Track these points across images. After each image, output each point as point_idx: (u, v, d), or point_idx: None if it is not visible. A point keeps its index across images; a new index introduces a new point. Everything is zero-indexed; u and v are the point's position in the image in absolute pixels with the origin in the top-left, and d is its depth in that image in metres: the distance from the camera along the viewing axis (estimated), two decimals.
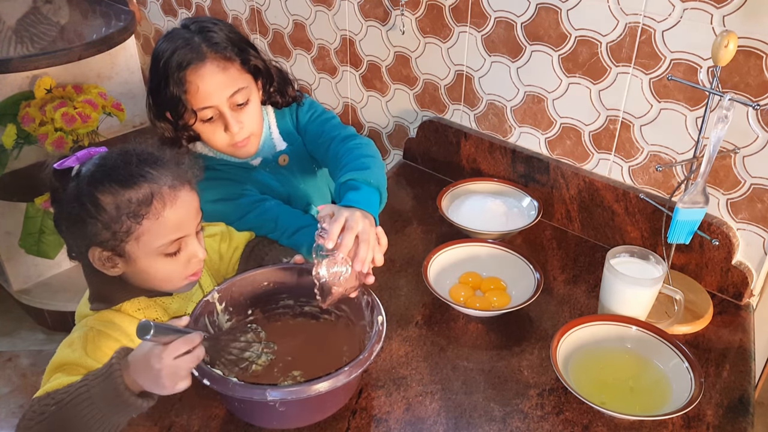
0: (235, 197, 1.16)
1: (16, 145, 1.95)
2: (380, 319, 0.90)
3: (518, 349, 1.04)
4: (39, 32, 2.10)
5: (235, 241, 1.10)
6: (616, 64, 1.17)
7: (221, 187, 1.16)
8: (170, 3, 2.11)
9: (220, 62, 1.08)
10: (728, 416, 0.93)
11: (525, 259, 1.16)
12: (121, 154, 0.87)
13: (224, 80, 1.09)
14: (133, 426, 0.89)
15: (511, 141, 1.40)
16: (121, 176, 0.84)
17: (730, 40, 0.89)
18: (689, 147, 1.15)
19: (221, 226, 1.11)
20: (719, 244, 1.13)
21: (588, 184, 1.27)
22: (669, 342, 0.98)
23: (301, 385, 0.80)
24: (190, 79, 1.07)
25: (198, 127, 1.12)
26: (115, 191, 0.83)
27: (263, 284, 0.99)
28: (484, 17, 1.32)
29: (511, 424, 0.91)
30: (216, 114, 1.11)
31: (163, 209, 0.85)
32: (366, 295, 0.95)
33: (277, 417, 0.87)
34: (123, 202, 0.83)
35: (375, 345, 0.86)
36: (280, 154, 1.24)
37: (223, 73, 1.09)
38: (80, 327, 0.91)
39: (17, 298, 2.21)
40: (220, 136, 1.13)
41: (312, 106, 1.30)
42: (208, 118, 1.11)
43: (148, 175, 0.85)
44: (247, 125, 1.13)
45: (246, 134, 1.14)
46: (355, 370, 0.82)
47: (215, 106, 1.09)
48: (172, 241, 0.88)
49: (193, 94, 1.08)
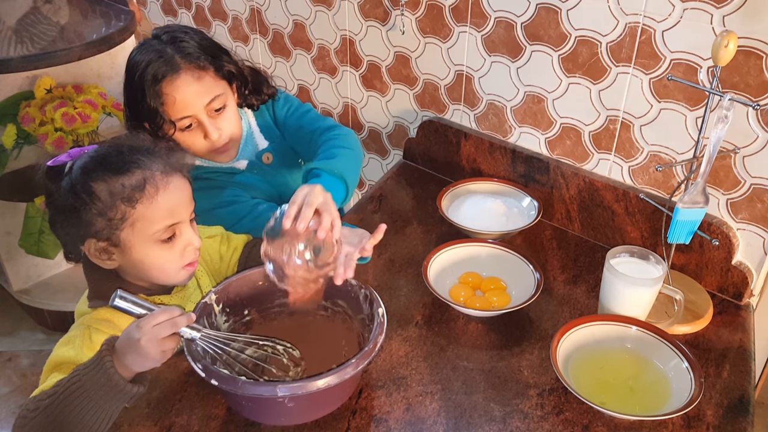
0: (227, 204, 1.16)
1: (16, 145, 1.95)
2: (381, 311, 0.90)
3: (518, 349, 1.04)
4: (39, 32, 2.10)
5: (234, 242, 1.11)
6: (616, 64, 1.17)
7: (212, 196, 1.17)
8: (170, 3, 2.11)
9: (195, 72, 1.10)
10: (728, 416, 0.93)
11: (525, 259, 1.16)
12: (112, 146, 0.89)
13: (200, 89, 1.10)
14: (133, 426, 0.89)
15: (511, 141, 1.40)
16: (114, 164, 0.86)
17: (730, 40, 0.89)
18: (689, 147, 1.15)
19: (220, 228, 1.12)
20: (719, 244, 1.13)
21: (588, 184, 1.27)
22: (669, 342, 0.98)
23: (310, 380, 0.80)
24: (167, 91, 1.08)
25: (177, 137, 1.13)
26: (108, 178, 0.85)
27: (258, 284, 0.99)
28: (484, 17, 1.32)
29: (511, 424, 0.91)
30: (194, 122, 1.12)
31: (156, 194, 0.86)
32: (364, 289, 0.95)
33: (285, 413, 0.87)
34: (116, 188, 0.84)
35: (378, 336, 0.87)
36: (263, 152, 1.26)
37: (198, 83, 1.10)
38: (77, 326, 0.92)
39: (17, 298, 2.21)
40: (199, 143, 1.14)
41: (287, 100, 1.31)
42: (187, 127, 1.12)
43: (140, 162, 0.87)
44: (226, 130, 1.15)
45: (226, 139, 1.16)
46: (362, 361, 0.83)
47: (193, 115, 1.11)
48: (167, 226, 0.89)
49: (171, 105, 1.09)
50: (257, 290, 1.00)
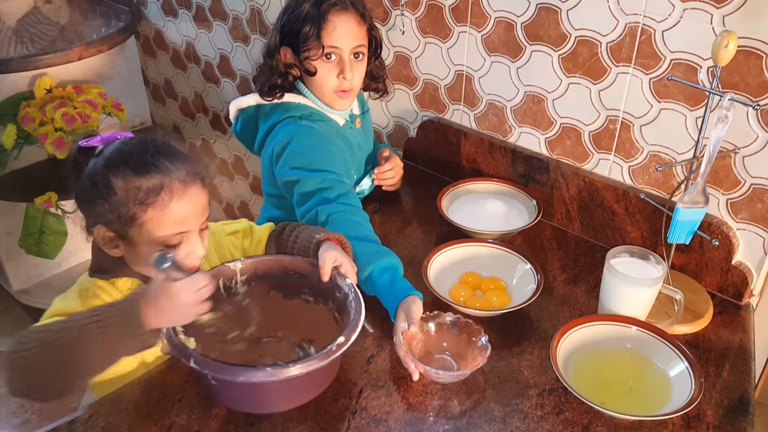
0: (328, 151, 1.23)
1: (16, 145, 1.95)
2: (348, 281, 0.96)
3: (518, 349, 1.04)
4: (39, 32, 2.10)
5: (257, 235, 1.12)
6: (616, 64, 1.17)
7: (320, 137, 1.24)
8: (170, 3, 2.11)
9: (357, 17, 1.22)
10: (728, 416, 0.93)
11: (525, 259, 1.16)
12: (140, 142, 0.91)
13: (355, 32, 1.22)
14: (133, 426, 0.89)
15: (511, 141, 1.40)
16: (136, 163, 0.87)
17: (730, 40, 0.89)
18: (689, 147, 1.15)
19: (243, 223, 1.13)
20: (719, 244, 1.13)
21: (588, 184, 1.27)
22: (669, 342, 0.98)
23: (310, 357, 0.83)
24: (331, 18, 1.19)
25: (317, 63, 1.22)
26: (128, 177, 0.87)
27: (290, 272, 1.01)
28: (484, 17, 1.32)
29: (511, 424, 0.91)
30: (338, 56, 1.22)
31: (169, 201, 0.87)
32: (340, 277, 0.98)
33: (285, 393, 0.89)
34: (133, 188, 0.86)
35: (359, 307, 0.92)
36: (356, 117, 1.36)
37: (356, 26, 1.22)
38: (76, 286, 0.96)
39: (17, 298, 2.22)
40: (332, 77, 1.23)
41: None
42: (329, 58, 1.21)
43: (161, 166, 0.88)
44: (356, 78, 1.25)
45: (352, 86, 1.25)
46: (353, 332, 0.87)
47: (341, 48, 1.21)
48: (174, 234, 0.90)
49: (328, 31, 1.19)
50: (287, 278, 1.02)
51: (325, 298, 1.00)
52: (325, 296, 1.00)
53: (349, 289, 0.96)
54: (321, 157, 1.20)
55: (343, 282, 0.97)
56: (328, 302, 0.99)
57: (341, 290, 0.97)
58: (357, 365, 0.99)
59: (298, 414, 0.91)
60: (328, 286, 0.98)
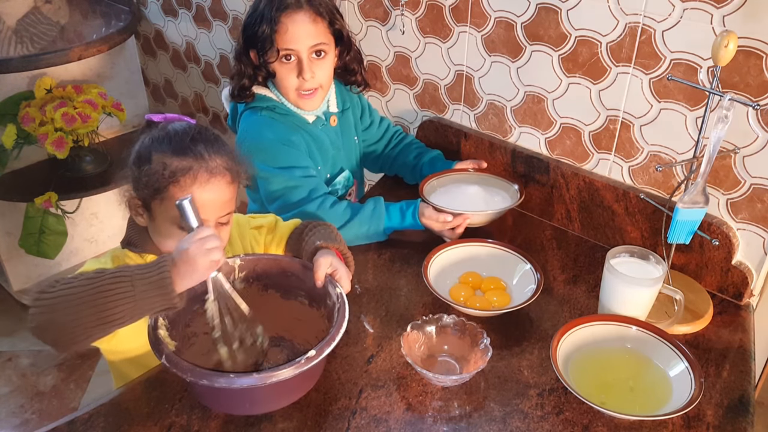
0: (289, 144, 1.25)
1: (16, 145, 1.95)
2: (338, 290, 0.95)
3: (518, 349, 1.04)
4: (39, 32, 2.10)
5: (280, 231, 1.13)
6: (616, 64, 1.17)
7: (280, 129, 1.26)
8: (170, 3, 2.11)
9: (312, 15, 1.22)
10: (728, 416, 0.93)
11: (525, 259, 1.16)
12: (189, 127, 0.96)
13: (311, 31, 1.22)
14: (133, 426, 0.89)
15: (511, 141, 1.40)
16: (175, 144, 0.93)
17: (730, 40, 0.89)
18: (689, 147, 1.15)
19: (269, 218, 1.14)
20: (719, 244, 1.13)
21: (588, 184, 1.27)
22: (669, 342, 0.98)
23: (276, 368, 0.82)
24: (283, 20, 1.20)
25: (276, 66, 1.24)
26: (165, 153, 0.92)
27: (288, 273, 1.01)
28: (484, 17, 1.32)
29: (511, 424, 0.91)
30: (295, 58, 1.23)
31: (191, 185, 0.91)
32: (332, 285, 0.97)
33: (277, 392, 0.88)
34: (164, 164, 0.91)
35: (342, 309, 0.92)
36: (331, 115, 1.36)
37: (311, 24, 1.22)
38: (109, 252, 1.00)
39: (17, 298, 2.22)
40: (292, 79, 1.25)
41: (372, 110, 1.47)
42: (287, 59, 1.23)
43: (197, 152, 0.92)
44: (318, 77, 1.25)
45: (314, 85, 1.25)
46: (327, 346, 0.86)
47: (296, 50, 1.22)
48: None
49: (282, 34, 1.21)
50: (284, 279, 1.02)
51: (319, 303, 0.99)
52: (318, 301, 0.99)
53: (337, 298, 0.94)
54: (284, 151, 1.24)
55: (333, 290, 0.95)
56: (321, 308, 0.98)
57: (331, 298, 0.96)
58: (357, 365, 0.99)
59: (298, 414, 0.91)
60: (322, 292, 0.97)
